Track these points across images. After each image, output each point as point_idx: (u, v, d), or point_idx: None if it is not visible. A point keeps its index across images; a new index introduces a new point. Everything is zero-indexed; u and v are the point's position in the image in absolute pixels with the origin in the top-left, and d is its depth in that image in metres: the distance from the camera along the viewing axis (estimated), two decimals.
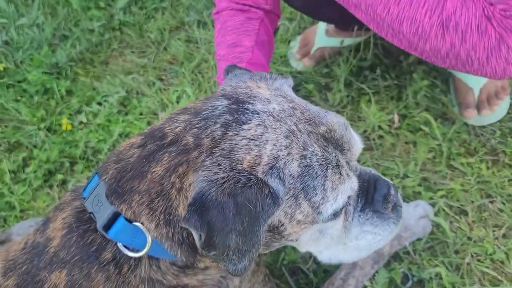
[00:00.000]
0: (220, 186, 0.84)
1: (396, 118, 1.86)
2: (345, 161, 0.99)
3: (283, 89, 1.02)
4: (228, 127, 0.90)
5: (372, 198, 1.08)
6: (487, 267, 1.48)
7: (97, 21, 2.38)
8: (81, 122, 2.01)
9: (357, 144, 1.03)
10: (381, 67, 1.98)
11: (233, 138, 0.89)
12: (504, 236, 1.55)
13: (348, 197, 1.01)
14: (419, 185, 1.67)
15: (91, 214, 0.98)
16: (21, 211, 1.76)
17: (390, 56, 2.03)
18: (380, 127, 1.83)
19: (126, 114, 2.03)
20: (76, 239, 0.99)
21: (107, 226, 0.95)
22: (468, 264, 1.49)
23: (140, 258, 0.98)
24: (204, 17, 2.37)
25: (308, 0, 1.68)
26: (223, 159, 0.87)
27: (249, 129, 0.90)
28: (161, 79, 2.19)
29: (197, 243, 0.88)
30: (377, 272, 1.46)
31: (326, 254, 1.13)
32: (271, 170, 0.88)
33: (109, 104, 2.05)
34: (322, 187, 0.92)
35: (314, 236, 1.05)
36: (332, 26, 2.09)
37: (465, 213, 1.60)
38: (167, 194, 0.93)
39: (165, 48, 2.30)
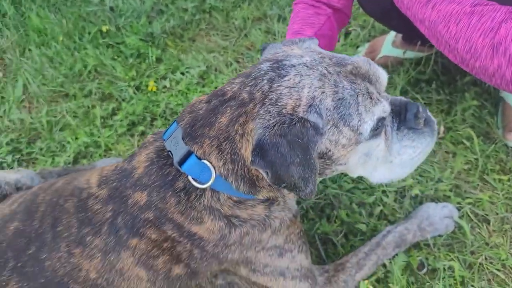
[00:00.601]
0: (272, 130, 1.08)
1: (442, 129, 2.04)
2: (375, 90, 1.20)
3: (312, 47, 1.27)
4: (273, 81, 1.15)
5: (405, 117, 1.28)
6: (498, 270, 1.65)
7: (191, 2, 2.68)
8: (164, 86, 2.31)
9: (382, 75, 1.24)
10: (437, 82, 2.16)
11: (277, 89, 1.14)
12: None
13: (383, 118, 1.21)
14: (451, 190, 1.85)
15: (169, 152, 1.26)
16: (105, 150, 2.08)
17: (447, 74, 2.21)
18: None
19: (203, 86, 2.31)
20: (156, 170, 1.27)
21: (181, 162, 1.23)
22: (480, 264, 1.67)
23: (204, 190, 1.24)
24: (285, 13, 2.62)
25: (384, 12, 1.89)
26: (271, 107, 1.12)
27: (289, 80, 1.14)
28: (237, 61, 2.46)
29: (267, 179, 1.12)
30: (397, 254, 1.66)
31: (376, 176, 1.35)
32: (309, 108, 1.12)
33: (190, 75, 2.34)
34: (357, 112, 1.14)
35: (362, 159, 1.26)
36: (399, 38, 2.29)
37: (488, 222, 1.77)
38: (232, 139, 1.18)
39: (245, 35, 2.57)
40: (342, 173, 1.89)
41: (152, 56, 2.43)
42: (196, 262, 1.29)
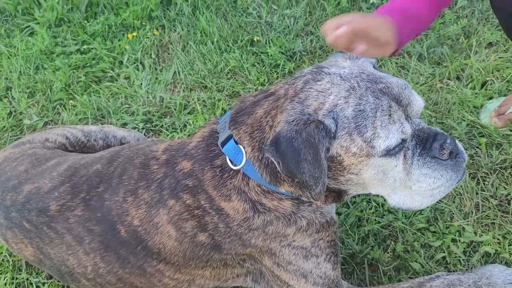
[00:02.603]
0: (290, 124, 1.20)
1: None
2: (405, 113, 1.23)
3: (364, 64, 1.32)
4: (307, 83, 1.26)
5: (430, 146, 1.27)
6: None
7: None
8: None
9: (417, 100, 1.26)
10: None
11: (308, 90, 1.25)
12: None
13: (402, 140, 1.23)
14: None
15: (218, 134, 1.43)
16: None
17: None
18: None
19: None
20: (204, 146, 1.46)
21: (223, 143, 1.39)
22: None
23: (237, 172, 1.39)
24: (425, 52, 2.61)
25: None
26: (298, 104, 1.23)
27: (321, 84, 1.24)
28: None
29: (279, 169, 1.24)
30: None
31: (395, 198, 1.35)
32: (329, 113, 1.20)
33: None
34: (372, 125, 1.19)
35: (378, 176, 1.29)
36: None
37: None
38: (263, 129, 1.32)
39: (380, 66, 2.62)
40: (417, 212, 1.85)
41: (285, 69, 2.64)
42: (220, 236, 1.43)
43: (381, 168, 1.27)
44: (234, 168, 1.37)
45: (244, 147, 1.35)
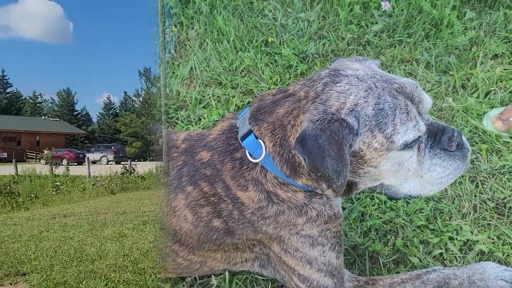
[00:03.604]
0: (315, 123, 1.31)
1: None
2: (417, 110, 1.37)
3: (371, 65, 1.45)
4: (327, 85, 1.38)
5: (440, 139, 1.43)
6: None
7: (350, 33, 2.94)
8: None
9: (426, 98, 1.41)
10: None
11: (329, 91, 1.36)
12: None
13: (419, 137, 1.37)
14: None
15: (237, 128, 1.54)
16: None
17: None
18: None
19: None
20: (224, 139, 1.57)
21: (243, 138, 1.51)
22: None
23: (255, 164, 1.51)
24: (433, 60, 2.71)
25: None
26: (320, 105, 1.35)
27: (340, 86, 1.36)
28: None
29: (305, 165, 1.35)
30: None
31: (406, 186, 1.50)
32: (351, 112, 1.32)
33: None
34: (392, 123, 1.33)
35: (394, 167, 1.42)
36: None
37: None
38: (284, 127, 1.44)
39: (388, 72, 2.71)
40: (418, 210, 1.95)
41: (298, 69, 2.74)
42: (234, 222, 1.54)
43: (398, 160, 1.40)
44: (254, 161, 1.49)
45: (265, 142, 1.47)
